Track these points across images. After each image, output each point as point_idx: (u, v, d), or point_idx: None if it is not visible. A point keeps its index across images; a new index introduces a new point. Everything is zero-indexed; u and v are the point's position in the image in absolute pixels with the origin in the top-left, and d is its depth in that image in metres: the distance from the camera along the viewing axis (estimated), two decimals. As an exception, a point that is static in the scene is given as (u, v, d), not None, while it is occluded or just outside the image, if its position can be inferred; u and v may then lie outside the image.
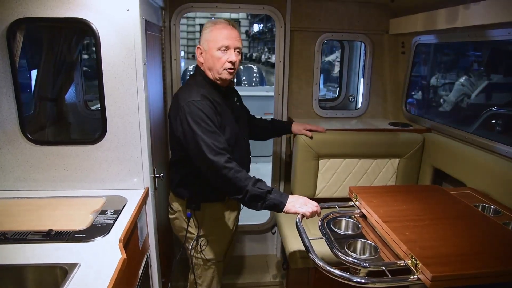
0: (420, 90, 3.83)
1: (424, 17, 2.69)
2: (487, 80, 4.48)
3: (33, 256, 1.60)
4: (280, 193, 1.99)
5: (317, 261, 1.62)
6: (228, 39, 2.08)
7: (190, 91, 2.08)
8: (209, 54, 2.11)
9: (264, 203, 1.94)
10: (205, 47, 2.13)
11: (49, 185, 2.26)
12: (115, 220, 1.90)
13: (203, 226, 2.29)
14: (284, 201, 1.95)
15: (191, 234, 2.31)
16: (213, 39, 2.09)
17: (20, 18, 2.01)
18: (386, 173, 2.94)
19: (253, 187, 1.93)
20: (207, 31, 2.13)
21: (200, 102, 2.00)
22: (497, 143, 2.28)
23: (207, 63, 2.14)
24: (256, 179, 1.99)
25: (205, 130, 1.95)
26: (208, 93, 2.09)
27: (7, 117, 2.15)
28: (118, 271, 1.51)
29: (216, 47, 2.07)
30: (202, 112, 1.97)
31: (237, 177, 1.93)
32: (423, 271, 1.40)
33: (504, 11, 1.97)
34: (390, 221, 1.74)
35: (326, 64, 9.79)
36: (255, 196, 1.93)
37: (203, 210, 2.27)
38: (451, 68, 4.27)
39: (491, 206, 2.02)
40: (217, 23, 2.13)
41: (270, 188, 1.96)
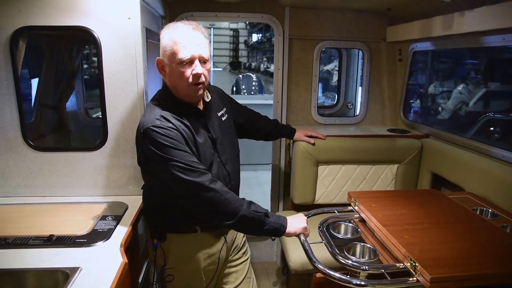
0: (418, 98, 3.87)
1: (420, 25, 2.73)
2: (485, 88, 4.53)
3: (34, 260, 1.61)
4: (278, 216, 1.83)
5: (317, 265, 1.63)
6: (190, 49, 1.70)
7: (149, 113, 1.76)
8: (171, 69, 1.75)
9: (264, 228, 1.76)
10: (166, 60, 1.75)
11: (50, 192, 2.27)
12: (115, 226, 1.91)
13: (169, 259, 1.95)
14: (285, 224, 1.80)
15: (159, 265, 1.99)
16: (171, 50, 1.71)
17: (23, 26, 2.04)
18: (385, 178, 2.95)
19: (248, 209, 1.73)
20: (165, 40, 1.74)
21: (160, 126, 1.68)
22: (494, 147, 2.30)
23: (170, 80, 1.79)
24: (248, 201, 1.78)
25: (174, 152, 1.66)
26: (172, 114, 1.77)
27: (9, 124, 2.17)
28: (120, 274, 1.51)
29: (176, 59, 1.71)
30: (164, 135, 1.67)
31: (226, 199, 1.70)
32: (422, 273, 1.41)
33: (498, 18, 2.01)
34: (389, 225, 1.75)
35: (324, 73, 9.85)
36: (253, 220, 1.73)
37: (168, 241, 1.94)
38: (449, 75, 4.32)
39: (489, 210, 2.03)
40: (175, 28, 1.74)
41: (266, 211, 1.79)
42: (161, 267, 1.96)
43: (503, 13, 1.97)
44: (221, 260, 2.03)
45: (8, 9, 2.02)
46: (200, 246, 1.97)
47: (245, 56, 32.07)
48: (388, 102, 3.47)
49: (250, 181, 5.52)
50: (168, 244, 1.94)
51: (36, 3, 2.03)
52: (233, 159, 2.05)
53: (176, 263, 1.96)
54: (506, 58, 4.05)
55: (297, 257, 2.46)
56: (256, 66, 29.64)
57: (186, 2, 3.03)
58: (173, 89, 1.83)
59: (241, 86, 9.10)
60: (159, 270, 1.97)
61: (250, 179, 5.56)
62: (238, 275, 2.16)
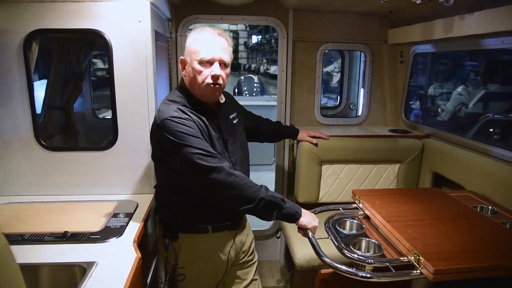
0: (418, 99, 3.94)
1: (421, 28, 2.80)
2: (484, 90, 4.60)
3: (51, 255, 1.67)
4: (293, 203, 1.88)
5: (324, 258, 1.68)
6: (212, 51, 1.81)
7: (166, 108, 1.82)
8: (191, 67, 1.84)
9: (281, 211, 1.81)
10: (188, 59, 1.86)
11: (61, 190, 2.33)
12: (127, 223, 1.97)
13: (180, 258, 2.00)
14: (299, 211, 1.86)
15: (169, 263, 2.03)
16: (195, 50, 1.82)
17: (36, 29, 2.10)
18: (387, 178, 3.02)
19: (267, 193, 1.79)
20: (190, 40, 1.86)
21: (177, 116, 1.75)
22: (494, 147, 2.36)
23: (189, 78, 1.88)
24: (265, 186, 1.85)
25: (193, 139, 1.72)
26: (189, 109, 1.85)
27: (21, 124, 2.23)
28: (135, 269, 1.57)
29: (198, 59, 1.81)
30: (182, 124, 1.73)
31: (246, 183, 1.76)
32: (425, 266, 1.47)
33: (497, 21, 2.07)
34: (393, 221, 1.81)
35: (324, 74, 9.91)
36: (272, 204, 1.78)
37: (180, 241, 1.99)
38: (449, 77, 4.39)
39: (489, 207, 2.09)
40: (202, 31, 1.86)
41: (282, 196, 1.85)
42: (172, 266, 2.01)
43: (502, 16, 2.03)
44: (230, 261, 2.06)
45: (21, 13, 2.08)
46: (211, 247, 2.01)
47: (245, 58, 32.17)
48: (390, 103, 3.53)
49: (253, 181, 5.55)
50: (180, 244, 1.99)
51: (49, 7, 2.09)
52: (243, 161, 2.10)
53: (187, 263, 2.00)
54: (505, 60, 4.12)
55: (302, 253, 2.52)
56: (256, 68, 29.72)
57: (192, 5, 3.10)
58: (191, 88, 1.91)
59: (242, 88, 9.16)
60: (170, 269, 2.02)
61: (253, 179, 5.60)
62: (245, 277, 2.22)
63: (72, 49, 2.93)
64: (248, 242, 2.22)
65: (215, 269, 2.05)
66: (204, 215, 1.92)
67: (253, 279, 2.25)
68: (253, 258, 2.29)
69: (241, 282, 2.20)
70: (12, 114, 2.20)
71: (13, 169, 2.27)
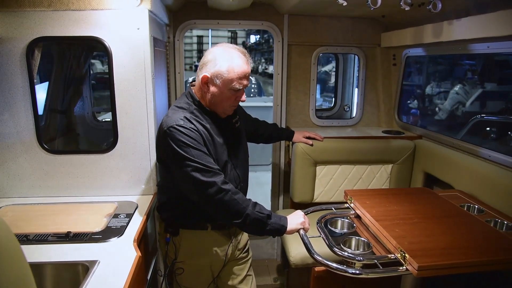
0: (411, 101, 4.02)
1: (412, 32, 2.88)
2: (481, 88, 4.66)
3: (55, 255, 1.74)
4: (279, 217, 1.95)
5: (315, 256, 1.77)
6: (243, 80, 1.92)
7: (173, 114, 1.92)
8: (220, 91, 1.91)
9: (266, 228, 1.88)
10: (217, 81, 1.90)
11: (63, 192, 2.40)
12: (127, 223, 2.04)
13: (180, 252, 2.11)
14: (285, 224, 1.92)
15: (169, 258, 2.16)
16: (228, 77, 1.88)
17: (39, 36, 2.18)
18: (380, 178, 3.10)
19: (253, 210, 1.85)
20: (222, 64, 1.87)
21: (182, 126, 1.84)
22: (481, 148, 2.45)
23: (213, 97, 1.94)
24: (254, 202, 1.90)
25: (193, 152, 1.81)
26: (194, 117, 1.94)
27: (24, 128, 2.30)
28: (135, 267, 1.65)
29: (230, 86, 1.90)
30: (186, 135, 1.82)
31: (235, 199, 1.83)
32: (410, 262, 1.55)
33: (483, 27, 2.15)
34: (382, 220, 1.90)
35: (322, 74, 9.96)
36: (257, 221, 1.85)
37: (181, 236, 2.11)
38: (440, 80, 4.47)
39: (475, 206, 2.18)
40: (234, 57, 1.89)
41: (269, 212, 1.91)
42: (172, 260, 2.12)
43: (488, 23, 2.12)
44: (227, 257, 2.17)
45: (25, 21, 2.16)
46: (210, 243, 2.12)
47: (243, 58, 32.08)
48: (383, 105, 3.61)
49: (251, 181, 5.63)
50: (180, 239, 2.10)
51: (51, 15, 2.16)
52: (244, 163, 2.21)
53: (187, 257, 2.11)
54: (493, 63, 4.20)
55: (297, 252, 2.60)
56: (254, 68, 29.75)
57: (189, 10, 3.18)
58: (208, 102, 1.98)
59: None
60: (170, 263, 2.12)
61: (251, 179, 5.68)
62: (240, 272, 2.32)
63: (72, 54, 3.00)
64: (243, 240, 2.31)
65: (213, 264, 2.16)
66: (204, 214, 2.00)
67: (247, 274, 2.35)
68: (248, 255, 2.38)
69: (236, 277, 2.30)
70: (15, 119, 2.27)
71: (16, 171, 2.35)
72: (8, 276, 0.96)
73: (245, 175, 2.21)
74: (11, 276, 0.97)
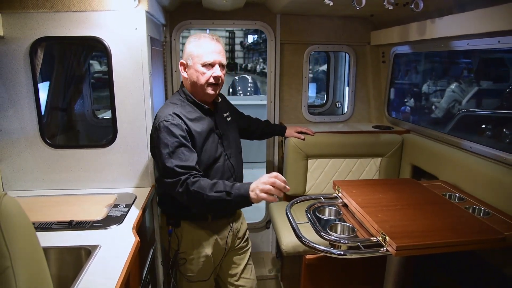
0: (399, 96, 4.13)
1: (399, 30, 3.00)
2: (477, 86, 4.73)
3: (59, 241, 1.86)
4: (239, 187, 1.86)
5: (303, 240, 1.89)
6: (213, 54, 2.06)
7: (165, 109, 2.05)
8: (193, 69, 2.08)
9: (231, 204, 1.90)
10: (189, 62, 2.09)
11: (65, 185, 2.52)
12: (127, 212, 2.16)
13: (182, 243, 2.21)
14: (246, 193, 1.83)
15: (172, 250, 2.25)
16: (197, 54, 2.06)
17: (42, 37, 2.29)
18: (369, 171, 3.22)
19: (210, 192, 1.84)
20: (191, 46, 2.08)
21: (171, 121, 1.96)
22: (463, 140, 2.57)
23: (191, 78, 2.10)
24: (212, 183, 1.88)
25: (170, 151, 1.91)
26: (185, 111, 2.05)
27: (28, 124, 2.42)
28: (134, 251, 1.77)
29: (201, 62, 2.05)
30: (170, 131, 1.94)
31: (195, 190, 1.86)
32: (390, 244, 1.67)
33: (462, 25, 2.27)
34: (366, 207, 2.02)
35: (320, 73, 10.05)
36: (218, 201, 1.85)
37: (182, 227, 2.21)
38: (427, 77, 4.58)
39: (456, 195, 2.29)
40: (201, 37, 2.09)
41: (229, 188, 1.86)
42: (175, 251, 2.23)
43: (467, 21, 2.23)
44: (227, 246, 2.30)
45: (28, 22, 2.27)
46: (211, 233, 2.24)
47: (241, 58, 32.26)
48: (374, 101, 3.73)
49: (248, 178, 5.73)
50: (182, 230, 2.21)
51: (53, 16, 2.28)
52: (237, 154, 2.32)
53: (189, 248, 2.22)
54: (475, 61, 4.30)
55: (289, 240, 2.71)
56: (252, 67, 29.82)
57: (185, 11, 3.29)
58: (192, 89, 2.15)
59: (237, 88, 9.38)
60: (173, 254, 2.24)
61: (247, 176, 5.78)
62: (241, 262, 2.44)
63: (73, 54, 3.11)
64: (242, 229, 2.44)
65: (214, 254, 2.27)
66: None
67: (247, 263, 2.47)
68: (247, 245, 2.50)
69: (237, 267, 2.42)
70: (19, 115, 2.39)
71: (21, 165, 2.46)
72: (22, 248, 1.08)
73: (239, 166, 2.32)
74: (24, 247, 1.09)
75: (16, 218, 1.11)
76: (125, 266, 1.63)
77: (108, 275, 1.57)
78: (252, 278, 2.50)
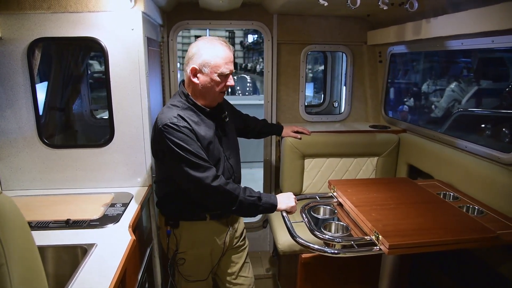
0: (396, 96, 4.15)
1: (395, 30, 3.02)
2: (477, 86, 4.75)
3: (56, 239, 1.88)
4: (269, 196, 2.13)
5: (297, 239, 1.91)
6: (229, 65, 2.05)
7: (168, 112, 2.03)
8: (209, 78, 2.04)
9: (259, 209, 2.09)
10: (205, 70, 2.03)
11: (62, 184, 2.54)
12: (123, 211, 2.18)
13: (181, 244, 2.24)
14: (275, 202, 2.12)
15: (171, 250, 2.28)
16: (214, 63, 2.02)
17: (40, 37, 2.31)
18: (366, 170, 3.24)
19: (244, 195, 2.03)
20: (207, 53, 2.02)
21: (176, 123, 1.96)
22: (459, 139, 2.58)
23: (203, 85, 2.06)
24: (244, 187, 2.08)
25: (186, 149, 1.94)
26: (188, 114, 2.06)
27: (26, 124, 2.43)
28: (129, 249, 1.79)
29: (218, 72, 2.03)
30: (180, 132, 1.94)
31: (226, 189, 1.98)
32: (383, 242, 1.69)
33: (456, 25, 2.29)
34: (360, 205, 2.04)
35: (320, 73, 10.04)
36: (250, 205, 2.05)
37: (181, 228, 2.23)
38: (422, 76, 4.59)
39: (451, 193, 2.31)
40: (216, 45, 2.04)
41: (259, 194, 2.09)
42: (174, 252, 2.25)
43: (461, 21, 2.25)
44: (225, 245, 2.32)
45: (25, 23, 2.29)
46: (209, 233, 2.26)
47: (241, 57, 32.24)
48: (370, 101, 3.75)
49: (246, 177, 5.78)
50: (181, 230, 2.23)
51: (50, 17, 2.30)
52: (235, 155, 2.34)
53: (188, 248, 2.24)
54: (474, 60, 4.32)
55: (284, 239, 2.73)
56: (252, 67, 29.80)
57: (182, 11, 3.31)
58: (199, 94, 2.11)
59: (236, 87, 9.40)
60: (171, 254, 2.26)
61: (246, 175, 5.83)
62: (238, 260, 2.47)
63: (71, 54, 3.13)
64: (240, 228, 2.46)
65: (213, 253, 2.29)
66: (203, 205, 2.14)
67: (245, 261, 2.51)
68: (245, 243, 2.53)
69: (235, 265, 2.45)
70: (17, 115, 2.40)
71: (19, 165, 2.48)
72: (16, 246, 1.10)
73: (237, 166, 2.34)
74: (19, 245, 1.11)
75: (11, 217, 1.13)
76: (120, 264, 1.65)
77: (104, 273, 1.59)
78: (250, 276, 2.52)
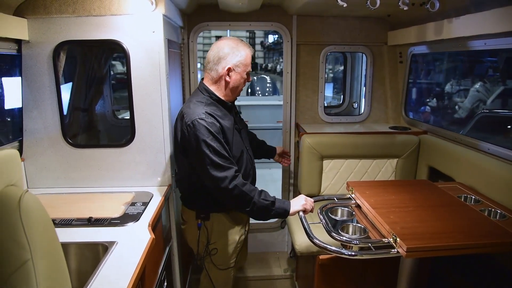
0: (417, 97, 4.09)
1: (416, 30, 2.98)
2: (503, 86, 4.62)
3: (79, 237, 1.94)
4: (283, 201, 2.19)
5: (314, 240, 1.91)
6: (251, 64, 2.30)
7: (196, 108, 2.12)
8: (240, 76, 2.23)
9: (271, 213, 2.15)
10: (238, 69, 2.21)
11: (85, 183, 2.61)
12: (143, 210, 2.23)
13: (213, 234, 2.36)
14: (288, 208, 2.18)
15: (202, 242, 2.38)
16: (245, 63, 2.22)
17: (65, 40, 2.39)
18: (385, 172, 3.20)
19: (259, 198, 2.10)
20: (240, 54, 2.20)
21: (205, 119, 2.05)
22: (481, 141, 2.53)
23: (234, 83, 2.23)
24: (260, 190, 2.15)
25: (212, 146, 2.02)
26: (213, 110, 2.16)
27: (51, 124, 2.52)
28: (148, 247, 1.83)
29: (247, 70, 2.25)
30: (207, 129, 2.03)
31: (243, 191, 2.06)
32: (401, 245, 1.68)
33: (479, 25, 2.24)
34: (378, 208, 2.02)
35: (340, 73, 9.95)
36: (263, 208, 2.11)
37: (212, 220, 2.34)
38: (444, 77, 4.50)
39: (472, 197, 2.27)
40: (246, 47, 2.24)
41: (273, 198, 2.16)
42: (205, 244, 2.37)
43: (484, 20, 2.21)
44: (246, 233, 2.53)
45: (51, 27, 2.37)
46: (236, 222, 2.41)
47: (261, 57, 32.27)
48: (391, 102, 3.70)
49: (265, 177, 5.82)
50: (212, 223, 2.35)
51: (74, 21, 2.37)
52: (250, 148, 2.49)
53: (219, 238, 2.38)
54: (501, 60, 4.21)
55: (302, 240, 2.73)
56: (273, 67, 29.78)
57: (202, 13, 3.35)
58: (226, 90, 2.25)
59: (255, 88, 9.42)
60: (203, 246, 2.38)
61: (265, 176, 5.87)
62: (246, 243, 2.69)
63: (94, 56, 3.22)
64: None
65: (239, 241, 2.45)
66: None
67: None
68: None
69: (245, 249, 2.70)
70: (43, 116, 2.49)
71: (44, 164, 2.56)
72: (41, 242, 1.15)
73: (253, 158, 2.48)
74: (43, 242, 1.16)
75: (36, 214, 1.18)
76: (140, 262, 1.69)
77: (124, 270, 1.63)
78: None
